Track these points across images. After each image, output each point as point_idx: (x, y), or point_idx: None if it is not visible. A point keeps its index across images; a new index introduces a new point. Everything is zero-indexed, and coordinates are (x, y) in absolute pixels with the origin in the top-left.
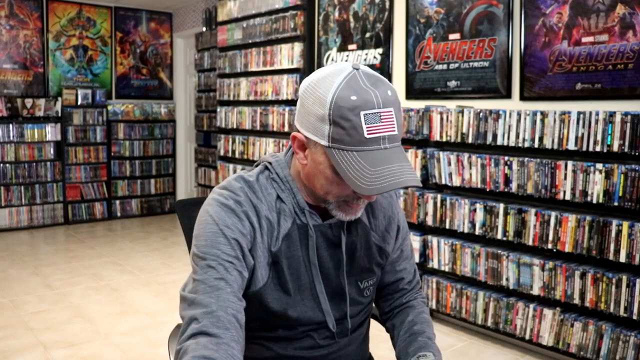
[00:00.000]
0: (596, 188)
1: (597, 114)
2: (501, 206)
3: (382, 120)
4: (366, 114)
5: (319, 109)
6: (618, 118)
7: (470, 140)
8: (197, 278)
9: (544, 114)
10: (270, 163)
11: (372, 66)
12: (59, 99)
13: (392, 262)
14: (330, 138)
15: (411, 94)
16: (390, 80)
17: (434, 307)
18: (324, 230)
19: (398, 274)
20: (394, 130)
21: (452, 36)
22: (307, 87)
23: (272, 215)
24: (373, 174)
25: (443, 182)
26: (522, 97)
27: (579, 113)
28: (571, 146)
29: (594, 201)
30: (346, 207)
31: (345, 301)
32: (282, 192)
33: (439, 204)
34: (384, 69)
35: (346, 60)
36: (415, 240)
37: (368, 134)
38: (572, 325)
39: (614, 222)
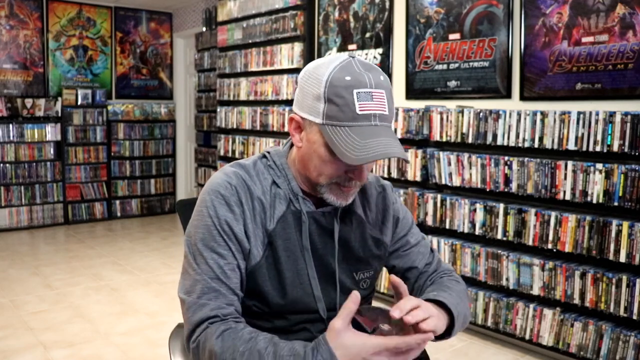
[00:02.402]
0: (596, 188)
1: (597, 114)
2: (501, 206)
3: (374, 100)
4: (359, 92)
5: (316, 89)
6: (618, 118)
7: (470, 140)
8: (195, 277)
9: (544, 114)
10: (268, 152)
11: None
12: (59, 99)
13: (397, 250)
14: (325, 115)
15: (411, 94)
16: (390, 80)
17: None
18: (317, 217)
19: (410, 261)
20: (384, 110)
21: (452, 36)
22: (305, 72)
23: (265, 197)
24: (362, 146)
25: (443, 182)
26: (522, 97)
27: (579, 113)
28: (571, 146)
29: (594, 201)
30: (338, 191)
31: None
32: (278, 178)
33: (439, 204)
34: (384, 69)
35: None
36: None
37: (360, 110)
38: (572, 325)
39: (614, 222)
